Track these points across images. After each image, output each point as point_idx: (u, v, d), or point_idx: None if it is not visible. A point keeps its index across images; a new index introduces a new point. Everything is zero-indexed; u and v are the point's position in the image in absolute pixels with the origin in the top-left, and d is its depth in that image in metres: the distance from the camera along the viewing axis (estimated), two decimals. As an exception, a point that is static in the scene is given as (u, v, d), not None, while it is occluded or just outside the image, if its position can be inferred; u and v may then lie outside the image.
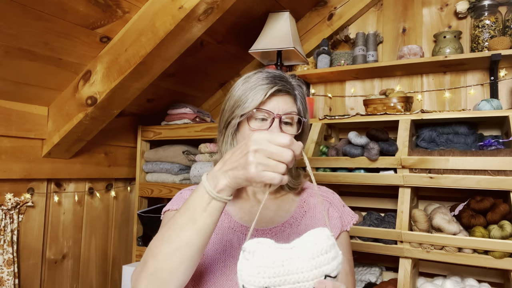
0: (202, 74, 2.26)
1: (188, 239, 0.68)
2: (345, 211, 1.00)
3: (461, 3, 1.84)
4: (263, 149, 0.61)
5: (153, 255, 0.71)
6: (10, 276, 1.63)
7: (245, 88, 0.91)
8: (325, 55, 2.07)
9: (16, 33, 1.39)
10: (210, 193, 0.66)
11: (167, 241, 0.69)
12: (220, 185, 0.66)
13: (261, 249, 0.58)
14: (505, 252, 1.33)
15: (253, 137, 0.63)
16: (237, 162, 0.64)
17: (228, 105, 0.93)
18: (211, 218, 0.68)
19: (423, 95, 1.98)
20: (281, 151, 0.61)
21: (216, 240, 0.90)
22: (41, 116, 1.77)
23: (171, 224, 0.71)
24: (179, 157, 2.09)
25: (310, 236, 0.59)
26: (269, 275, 0.56)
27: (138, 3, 1.51)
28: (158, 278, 0.69)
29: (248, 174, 0.62)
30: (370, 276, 1.72)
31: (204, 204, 0.67)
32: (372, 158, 1.56)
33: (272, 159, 0.61)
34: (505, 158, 1.36)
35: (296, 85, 0.96)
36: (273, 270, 0.56)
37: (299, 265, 0.57)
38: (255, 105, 0.88)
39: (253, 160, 0.61)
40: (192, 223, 0.68)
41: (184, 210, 0.70)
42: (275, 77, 0.91)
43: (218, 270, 0.86)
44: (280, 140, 0.62)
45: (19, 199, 1.72)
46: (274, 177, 0.61)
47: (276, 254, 0.57)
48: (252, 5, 1.93)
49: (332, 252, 0.59)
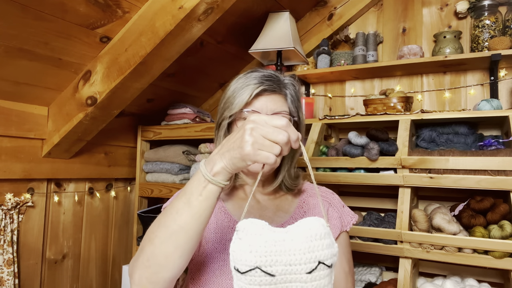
0: (202, 74, 2.26)
1: (184, 223, 0.68)
2: (344, 211, 1.00)
3: (461, 3, 1.84)
4: (260, 127, 0.62)
5: (149, 240, 0.71)
6: (10, 276, 1.63)
7: (234, 89, 0.92)
8: (325, 55, 2.07)
9: (16, 33, 1.39)
10: (206, 176, 0.66)
11: (164, 225, 0.69)
12: (216, 167, 0.66)
13: (254, 228, 0.57)
14: (505, 252, 1.32)
15: (251, 117, 0.64)
16: (234, 142, 0.64)
17: (220, 106, 0.95)
18: (206, 202, 0.67)
19: (423, 95, 1.98)
20: (277, 131, 0.61)
21: (216, 239, 0.90)
22: (41, 116, 1.77)
23: (168, 208, 0.71)
24: (179, 157, 2.09)
25: (304, 222, 0.58)
26: (261, 253, 0.55)
27: (138, 3, 1.51)
28: (154, 263, 0.69)
29: (243, 151, 0.62)
30: (370, 276, 1.72)
31: (200, 188, 0.67)
32: (372, 158, 1.56)
33: (268, 139, 0.61)
34: (505, 158, 1.36)
35: (289, 84, 0.95)
36: (264, 249, 0.55)
37: (292, 246, 0.56)
38: (241, 105, 0.89)
39: (249, 138, 0.62)
40: (188, 207, 0.68)
41: (182, 194, 0.70)
42: (263, 77, 0.91)
43: (217, 269, 0.86)
44: (277, 122, 0.62)
45: (19, 199, 1.72)
46: (268, 157, 0.61)
47: (269, 233, 0.57)
48: (252, 5, 1.93)
49: (327, 240, 0.58)
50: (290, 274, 0.56)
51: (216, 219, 0.93)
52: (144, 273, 0.70)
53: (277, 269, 0.55)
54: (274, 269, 0.55)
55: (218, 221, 0.93)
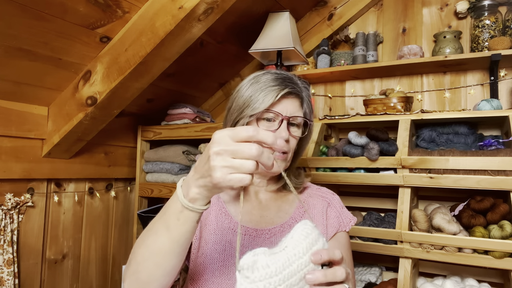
0: (202, 74, 2.26)
1: (162, 245, 0.66)
2: (343, 212, 1.01)
3: (461, 3, 1.84)
4: (224, 149, 0.55)
5: (134, 256, 0.71)
6: (10, 276, 1.63)
7: (254, 88, 0.91)
8: (325, 55, 2.07)
9: (16, 33, 1.39)
10: (182, 201, 0.62)
11: (145, 245, 0.68)
12: (191, 193, 0.61)
13: (259, 260, 0.54)
14: (505, 252, 1.32)
15: (214, 137, 0.57)
16: (203, 168, 0.58)
17: (236, 105, 0.93)
18: (184, 227, 0.64)
19: (423, 95, 1.98)
20: (244, 147, 0.54)
21: (216, 240, 0.90)
22: (41, 116, 1.77)
23: (149, 227, 0.70)
24: (179, 157, 2.09)
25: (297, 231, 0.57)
26: (275, 284, 0.53)
27: (138, 3, 1.51)
28: (138, 279, 0.69)
29: (213, 180, 0.56)
30: (370, 276, 1.72)
31: (177, 212, 0.63)
32: (372, 158, 1.56)
33: (237, 158, 0.55)
34: (505, 158, 1.36)
35: (303, 87, 0.96)
36: (277, 277, 0.53)
37: (298, 262, 0.55)
38: (266, 106, 0.88)
39: (216, 164, 0.55)
40: (165, 229, 0.65)
41: (161, 214, 0.67)
42: (284, 79, 0.91)
43: (217, 270, 0.86)
44: (243, 134, 0.55)
45: (19, 199, 1.72)
46: (242, 179, 0.55)
47: (274, 260, 0.54)
48: (252, 5, 1.93)
49: (321, 240, 0.57)
50: None
51: (217, 220, 0.93)
52: (131, 284, 0.71)
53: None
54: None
55: (218, 222, 0.93)
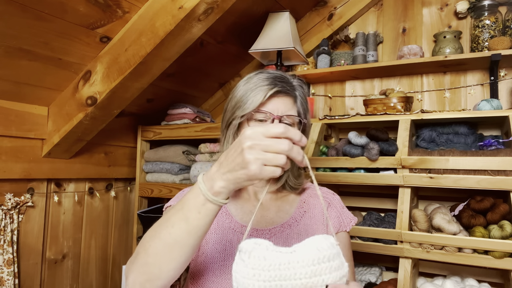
0: (202, 74, 2.26)
1: (179, 237, 0.67)
2: (344, 212, 1.00)
3: (461, 3, 1.84)
4: (258, 143, 0.58)
5: (144, 248, 0.70)
6: (10, 276, 1.63)
7: (245, 89, 0.91)
8: (325, 55, 2.07)
9: (16, 33, 1.39)
10: (206, 195, 0.64)
11: (158, 237, 0.68)
12: (216, 187, 0.63)
13: (258, 250, 0.54)
14: (505, 252, 1.32)
15: (246, 132, 0.60)
16: (234, 162, 0.61)
17: (229, 106, 0.94)
18: (204, 220, 0.66)
19: (423, 95, 1.98)
20: (277, 142, 0.58)
21: (217, 240, 0.90)
22: (41, 116, 1.77)
23: (164, 220, 0.70)
24: (179, 157, 2.09)
25: (312, 241, 0.54)
26: (264, 278, 0.52)
27: (138, 3, 1.51)
28: (148, 271, 0.69)
29: (250, 172, 0.59)
30: (370, 276, 1.72)
31: (199, 205, 0.65)
32: (372, 158, 1.56)
33: (270, 152, 0.58)
34: (505, 158, 1.36)
35: (297, 86, 0.96)
36: (268, 273, 0.52)
37: (298, 270, 0.52)
38: (255, 106, 0.88)
39: (251, 157, 0.58)
40: (184, 222, 0.66)
41: (178, 208, 0.68)
42: (275, 78, 0.91)
43: (217, 269, 0.86)
44: (274, 131, 0.59)
45: (19, 199, 1.72)
46: (275, 171, 0.59)
47: (273, 256, 0.53)
48: (252, 5, 1.93)
49: (336, 261, 0.54)
50: None
51: (217, 220, 0.93)
52: (138, 278, 0.70)
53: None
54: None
55: (219, 222, 0.93)
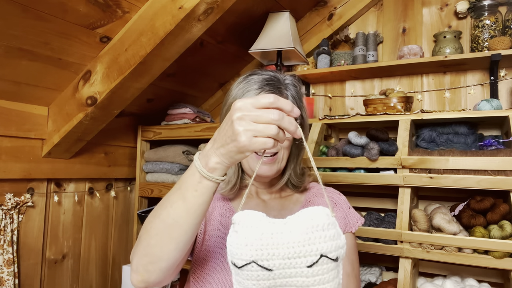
0: (202, 74, 2.26)
1: (178, 217, 0.67)
2: (350, 213, 0.99)
3: (461, 3, 1.84)
4: (247, 114, 0.58)
5: (146, 230, 0.71)
6: (10, 276, 1.63)
7: (234, 95, 0.91)
8: (325, 55, 2.07)
9: (16, 33, 1.39)
10: (201, 171, 0.64)
11: (158, 217, 0.69)
12: (211, 163, 0.63)
13: (250, 219, 0.54)
14: (505, 252, 1.32)
15: (236, 104, 0.59)
16: (225, 135, 0.60)
17: (222, 112, 0.94)
18: (202, 197, 0.65)
19: (423, 95, 1.98)
20: (267, 112, 0.57)
21: (219, 235, 0.90)
22: (41, 116, 1.77)
23: (163, 200, 0.70)
24: (179, 157, 2.09)
25: (306, 211, 0.54)
26: (256, 247, 0.52)
27: (138, 3, 1.51)
28: (150, 253, 0.69)
29: (239, 143, 0.58)
30: (370, 276, 1.72)
31: (195, 183, 0.65)
32: (372, 158, 1.56)
33: (260, 122, 0.57)
34: (505, 158, 1.35)
35: (290, 84, 0.94)
36: (260, 242, 0.52)
37: (290, 238, 0.52)
38: None
39: (240, 128, 0.57)
40: (182, 201, 0.66)
41: (177, 187, 0.68)
42: (263, 81, 0.90)
43: (218, 265, 0.86)
44: (264, 101, 0.58)
45: (19, 199, 1.72)
46: (266, 142, 0.57)
47: (265, 225, 0.53)
48: (252, 5, 1.93)
49: (331, 231, 0.53)
50: (289, 268, 0.52)
51: (221, 216, 0.94)
52: (140, 261, 0.70)
53: (275, 263, 0.52)
54: (271, 263, 0.52)
55: (222, 218, 0.93)
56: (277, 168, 0.92)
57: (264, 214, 0.56)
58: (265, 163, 0.90)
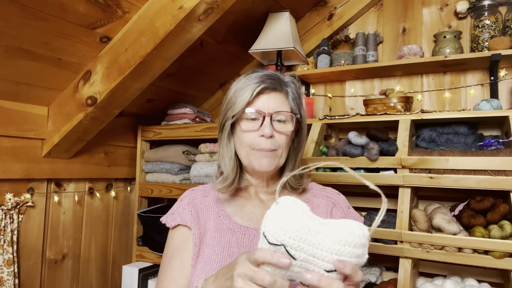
0: (202, 74, 2.26)
1: None
2: (350, 212, 1.00)
3: (461, 3, 1.84)
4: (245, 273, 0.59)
5: None
6: (10, 276, 1.63)
7: (235, 89, 0.92)
8: (325, 55, 2.07)
9: (16, 33, 1.39)
10: None
11: None
12: None
13: (295, 208, 0.57)
14: (505, 252, 1.32)
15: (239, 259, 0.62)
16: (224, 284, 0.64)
17: (224, 108, 0.95)
18: None
19: (423, 95, 1.98)
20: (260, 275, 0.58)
21: (214, 242, 0.90)
22: (41, 116, 1.77)
23: None
24: (179, 157, 2.09)
25: (347, 223, 0.57)
26: (290, 235, 0.55)
27: (138, 3, 1.51)
28: None
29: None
30: (370, 276, 1.72)
31: None
32: (372, 158, 1.56)
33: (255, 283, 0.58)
34: (505, 158, 1.36)
35: (289, 82, 0.96)
36: (296, 233, 0.55)
37: (323, 241, 0.55)
38: (243, 105, 0.89)
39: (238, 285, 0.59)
40: None
41: None
42: (263, 76, 0.91)
43: (215, 270, 0.85)
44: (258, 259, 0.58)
45: (19, 199, 1.72)
46: None
47: (306, 220, 0.56)
48: (252, 5, 1.93)
49: (360, 250, 0.56)
50: (310, 264, 0.56)
51: (215, 224, 0.94)
52: None
53: (300, 255, 0.55)
54: (298, 254, 0.55)
55: (217, 226, 0.93)
56: (276, 162, 0.93)
57: (309, 208, 0.59)
58: (265, 156, 0.90)
